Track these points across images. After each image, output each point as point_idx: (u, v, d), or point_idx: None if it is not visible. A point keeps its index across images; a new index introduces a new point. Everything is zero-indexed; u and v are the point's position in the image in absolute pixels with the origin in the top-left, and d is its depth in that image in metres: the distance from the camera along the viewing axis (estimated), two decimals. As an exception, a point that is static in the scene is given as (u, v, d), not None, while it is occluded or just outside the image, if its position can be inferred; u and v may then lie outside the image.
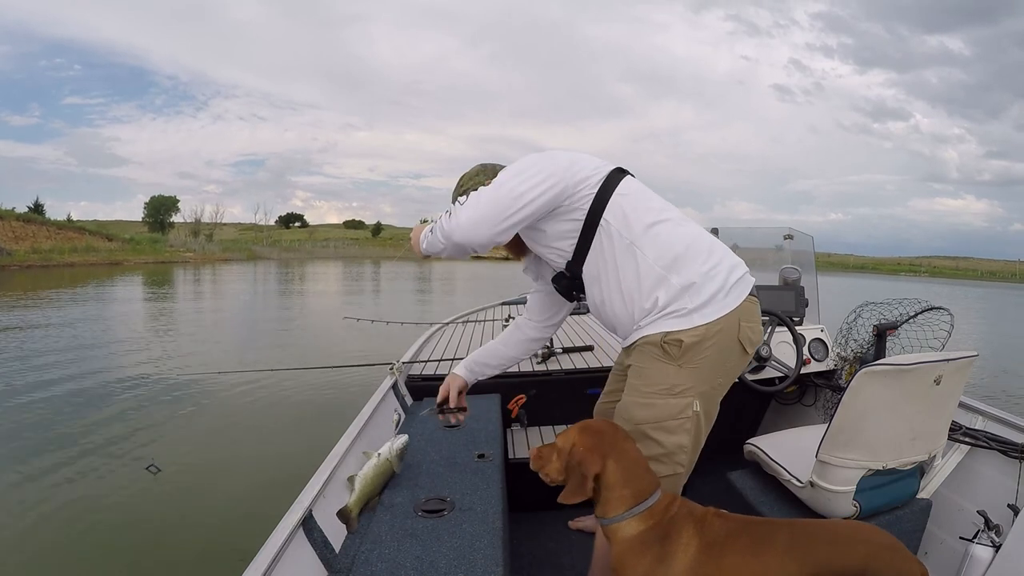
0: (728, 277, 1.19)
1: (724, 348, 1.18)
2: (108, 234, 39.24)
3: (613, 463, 1.07)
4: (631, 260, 1.20)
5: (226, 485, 3.33)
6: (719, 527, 1.04)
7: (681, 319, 1.16)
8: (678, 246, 1.19)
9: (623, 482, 1.06)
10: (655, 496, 1.07)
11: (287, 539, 1.07)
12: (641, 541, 1.03)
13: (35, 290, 14.73)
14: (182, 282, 20.21)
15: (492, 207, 1.17)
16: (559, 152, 1.25)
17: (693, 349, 1.16)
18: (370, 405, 1.81)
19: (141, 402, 4.87)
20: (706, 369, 1.19)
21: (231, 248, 46.00)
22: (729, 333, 1.18)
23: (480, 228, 1.17)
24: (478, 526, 1.23)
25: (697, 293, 1.16)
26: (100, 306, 12.10)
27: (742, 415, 2.58)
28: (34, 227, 33.01)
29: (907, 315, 2.15)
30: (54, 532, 2.75)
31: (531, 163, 1.21)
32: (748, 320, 1.21)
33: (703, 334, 1.16)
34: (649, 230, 1.20)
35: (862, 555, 0.97)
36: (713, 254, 1.21)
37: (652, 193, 1.28)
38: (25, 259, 26.27)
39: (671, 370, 1.19)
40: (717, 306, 1.16)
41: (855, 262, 77.04)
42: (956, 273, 64.39)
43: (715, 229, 2.41)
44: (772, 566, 0.97)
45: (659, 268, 1.18)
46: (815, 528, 1.07)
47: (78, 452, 3.74)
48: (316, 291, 18.21)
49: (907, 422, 1.35)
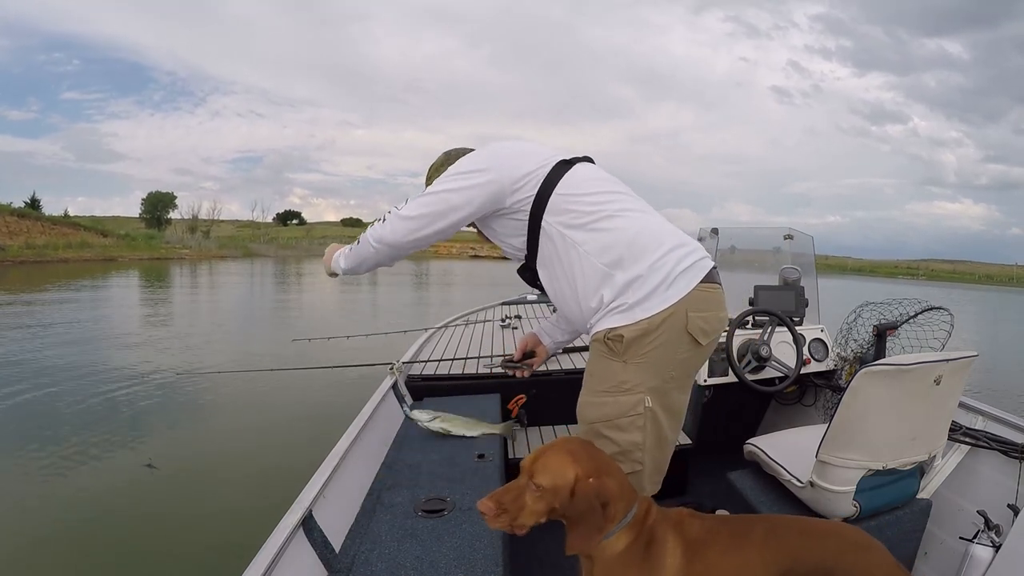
0: (675, 267, 1.15)
1: (670, 341, 1.14)
2: (103, 230, 39.06)
3: (610, 480, 0.96)
4: (576, 259, 1.18)
5: (226, 485, 3.32)
6: (697, 526, 1.01)
7: (622, 314, 1.14)
8: (622, 242, 1.16)
9: (618, 497, 0.96)
10: (636, 505, 0.99)
11: (287, 539, 1.06)
12: (630, 554, 0.96)
13: (28, 286, 14.63)
14: (176, 279, 20.11)
15: (423, 210, 1.20)
16: (505, 147, 1.25)
17: (636, 344, 1.13)
18: (370, 405, 1.81)
19: (140, 402, 4.83)
20: (653, 364, 1.15)
21: (228, 245, 45.79)
22: (675, 325, 1.14)
23: (411, 232, 1.21)
24: (478, 526, 1.23)
25: (640, 287, 1.13)
26: (93, 302, 12.05)
27: (742, 415, 2.58)
28: (28, 222, 32.78)
29: (907, 315, 2.16)
30: (53, 533, 2.73)
31: (470, 164, 1.21)
32: (698, 309, 1.15)
33: (645, 328, 1.12)
34: (592, 226, 1.17)
35: (832, 551, 0.97)
36: (662, 245, 1.16)
37: (601, 181, 1.25)
38: (19, 255, 26.03)
39: (617, 367, 1.16)
40: (659, 299, 1.13)
41: (853, 264, 77.32)
42: (953, 276, 64.72)
43: (715, 229, 2.41)
44: (752, 558, 0.97)
45: (602, 266, 1.15)
46: (789, 522, 1.06)
47: (76, 452, 3.71)
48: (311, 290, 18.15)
49: (907, 422, 1.35)
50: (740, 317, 2.23)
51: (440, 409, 2.01)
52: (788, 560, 0.96)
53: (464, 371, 2.42)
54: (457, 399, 2.15)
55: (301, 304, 13.92)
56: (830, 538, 1.00)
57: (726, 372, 2.20)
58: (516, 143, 1.29)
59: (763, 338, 2.20)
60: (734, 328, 2.18)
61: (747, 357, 2.18)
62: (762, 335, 2.21)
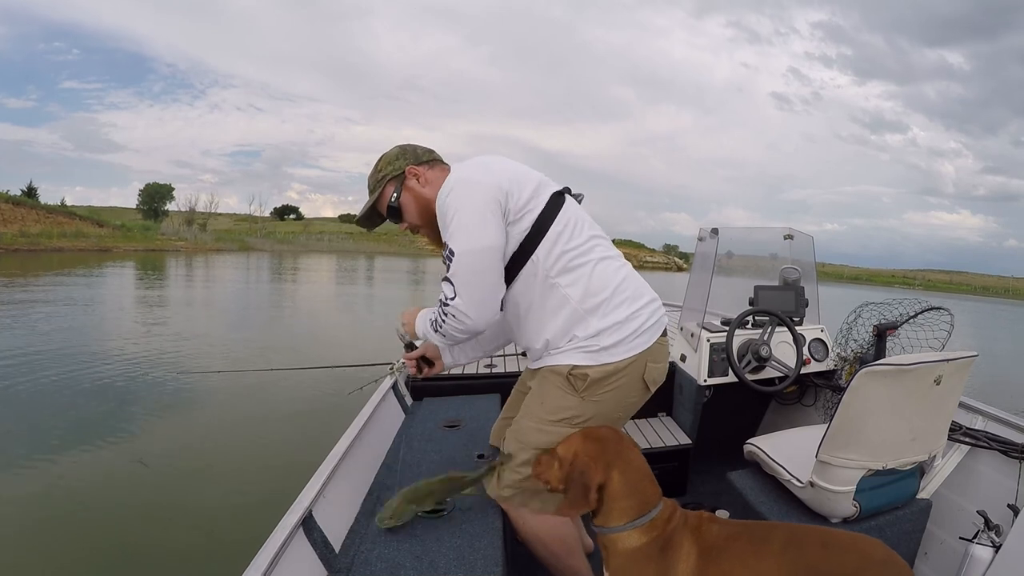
0: (648, 319, 1.21)
1: (627, 386, 1.21)
2: (99, 220, 38.88)
3: (618, 474, 1.04)
4: (553, 297, 1.20)
5: (226, 485, 3.30)
6: (715, 532, 1.03)
7: (591, 355, 1.19)
8: (608, 287, 1.19)
9: (627, 493, 1.04)
10: (658, 508, 1.04)
11: (287, 539, 1.06)
12: (644, 554, 1.01)
13: (23, 273, 14.54)
14: (171, 271, 20.00)
15: (477, 277, 1.13)
16: (484, 180, 1.16)
17: (598, 384, 1.19)
18: (370, 405, 1.80)
19: (140, 402, 4.78)
20: (608, 404, 1.22)
21: (224, 238, 45.65)
22: (635, 372, 1.21)
23: (487, 301, 1.14)
24: (478, 526, 1.23)
25: (614, 333, 1.18)
26: (87, 293, 11.96)
27: (742, 415, 2.58)
28: (23, 210, 32.63)
29: (907, 315, 2.15)
30: (53, 533, 2.72)
31: (469, 212, 1.13)
32: (655, 360, 1.24)
33: (611, 371, 1.19)
34: (576, 270, 1.19)
35: (853, 565, 0.96)
36: (641, 297, 1.23)
37: (586, 223, 1.26)
38: (12, 243, 25.85)
39: (573, 401, 1.21)
40: (627, 346, 1.19)
41: (850, 272, 77.67)
42: (950, 287, 65.16)
43: (715, 229, 2.40)
44: (769, 567, 0.97)
45: (582, 310, 1.19)
46: (810, 531, 1.06)
47: (77, 452, 3.67)
48: (306, 288, 18.10)
49: (907, 422, 1.35)
50: (740, 317, 2.23)
51: (441, 408, 2.00)
52: (807, 571, 0.96)
53: (464, 371, 2.42)
54: (457, 399, 2.14)
55: (296, 297, 13.90)
56: (852, 552, 0.98)
57: (726, 372, 2.20)
58: (503, 161, 1.25)
59: (763, 338, 2.19)
60: (734, 328, 2.18)
61: (747, 357, 2.18)
62: (762, 335, 2.21)
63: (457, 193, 1.14)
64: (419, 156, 1.30)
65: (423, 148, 1.33)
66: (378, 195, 1.30)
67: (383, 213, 1.32)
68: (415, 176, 1.28)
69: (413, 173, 1.28)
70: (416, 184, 1.28)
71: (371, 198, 1.31)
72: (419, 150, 1.32)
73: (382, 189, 1.29)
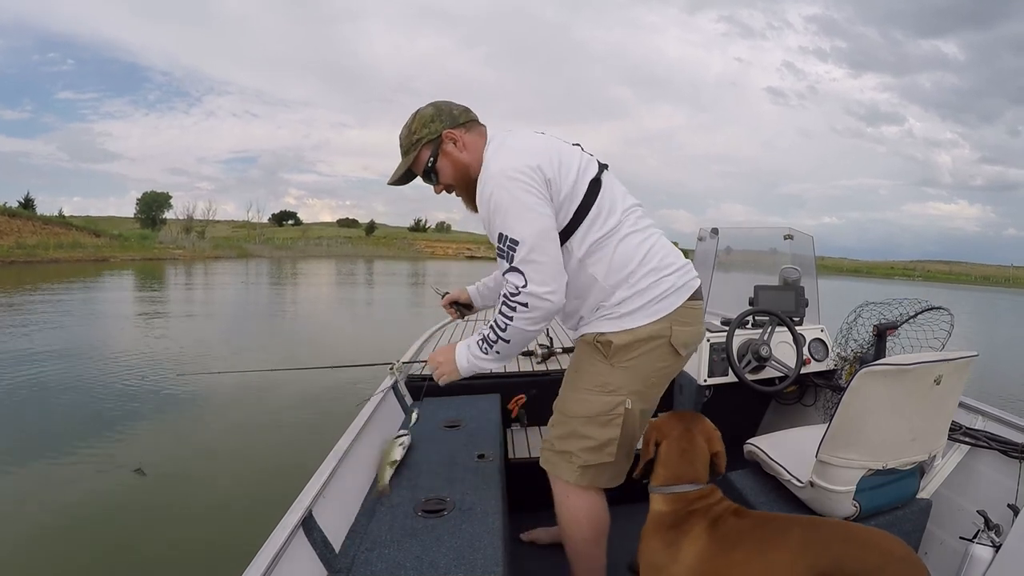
0: (671, 286, 1.23)
1: (656, 352, 1.24)
2: (96, 230, 38.83)
3: (667, 443, 1.21)
4: (583, 276, 1.23)
5: (226, 485, 3.29)
6: (732, 524, 1.08)
7: (613, 321, 1.22)
8: (629, 264, 1.22)
9: (664, 462, 1.19)
10: (690, 487, 1.15)
11: (287, 539, 1.05)
12: (658, 520, 1.14)
13: (19, 285, 14.52)
14: (170, 279, 19.99)
15: (545, 255, 1.13)
16: (525, 170, 1.13)
17: (623, 351, 1.22)
18: (370, 405, 1.80)
19: (139, 403, 4.78)
20: (638, 371, 1.24)
21: (223, 245, 45.60)
22: (660, 337, 1.23)
23: (559, 276, 1.15)
24: (478, 526, 1.23)
25: (634, 301, 1.21)
26: (83, 301, 11.96)
27: (742, 415, 2.58)
28: (19, 222, 32.54)
29: (907, 315, 2.15)
30: (53, 533, 2.70)
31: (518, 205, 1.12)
32: (683, 324, 1.24)
33: (633, 337, 1.21)
34: (600, 251, 1.21)
35: (874, 561, 0.96)
36: (664, 268, 1.24)
37: (618, 202, 1.25)
38: (8, 255, 25.75)
39: (603, 368, 1.25)
40: (648, 311, 1.21)
41: (848, 266, 77.73)
42: (950, 277, 65.28)
43: (715, 229, 2.41)
44: (784, 560, 0.99)
45: (607, 285, 1.22)
46: (831, 526, 1.07)
47: (75, 452, 3.67)
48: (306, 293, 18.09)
49: (907, 422, 1.35)
50: (740, 317, 2.23)
51: (441, 408, 2.01)
52: (828, 565, 0.96)
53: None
54: (457, 399, 2.14)
55: (296, 300, 13.89)
56: (873, 548, 0.98)
57: (726, 372, 2.20)
58: (541, 142, 1.23)
59: (763, 338, 2.19)
60: (734, 328, 2.18)
61: (747, 357, 2.18)
62: (762, 335, 2.21)
63: (501, 189, 1.13)
64: (456, 118, 1.25)
65: (459, 107, 1.27)
66: (413, 158, 1.26)
67: (417, 173, 1.30)
68: (452, 140, 1.24)
69: (451, 137, 1.24)
70: (454, 149, 1.24)
71: (405, 160, 1.27)
72: (455, 110, 1.26)
73: (417, 152, 1.25)
